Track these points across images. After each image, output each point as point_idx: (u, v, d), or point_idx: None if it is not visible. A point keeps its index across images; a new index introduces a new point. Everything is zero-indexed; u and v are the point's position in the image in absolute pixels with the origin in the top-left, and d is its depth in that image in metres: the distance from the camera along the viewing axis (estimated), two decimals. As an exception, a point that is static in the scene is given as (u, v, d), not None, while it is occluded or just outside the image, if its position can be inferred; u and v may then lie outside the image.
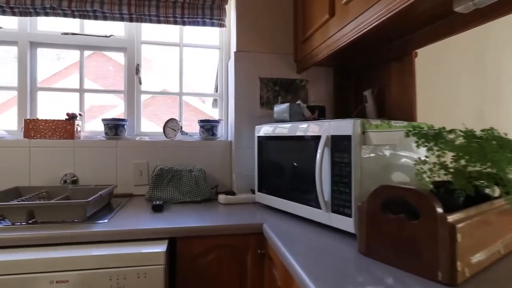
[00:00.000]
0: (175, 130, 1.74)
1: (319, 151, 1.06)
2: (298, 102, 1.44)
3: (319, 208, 1.08)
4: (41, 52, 1.78)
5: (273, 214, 1.30)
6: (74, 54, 1.82)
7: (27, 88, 1.71)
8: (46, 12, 1.59)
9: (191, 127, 1.90)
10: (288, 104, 1.38)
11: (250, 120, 1.64)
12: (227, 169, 1.77)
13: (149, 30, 1.87)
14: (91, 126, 1.84)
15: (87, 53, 1.83)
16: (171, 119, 1.75)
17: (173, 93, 1.90)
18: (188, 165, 1.70)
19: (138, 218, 1.24)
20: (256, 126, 1.46)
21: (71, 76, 1.90)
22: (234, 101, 1.65)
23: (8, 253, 1.01)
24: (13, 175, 1.56)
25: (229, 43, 1.90)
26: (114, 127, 1.66)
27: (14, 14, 1.57)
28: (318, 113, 1.45)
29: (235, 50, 1.66)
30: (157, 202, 1.37)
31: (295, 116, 1.39)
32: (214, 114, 2.02)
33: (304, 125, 1.17)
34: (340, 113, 1.71)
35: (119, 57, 1.87)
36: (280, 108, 1.42)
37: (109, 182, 1.65)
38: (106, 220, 1.20)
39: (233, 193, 1.52)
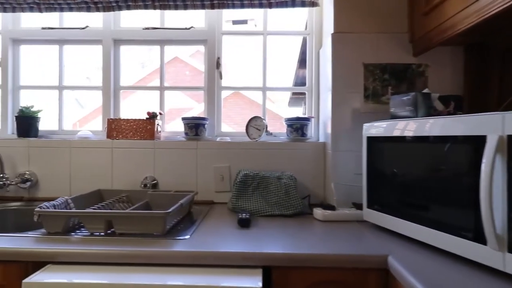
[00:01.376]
0: (259, 130, 1.51)
1: (485, 159, 0.70)
2: (426, 90, 1.08)
3: (483, 243, 0.73)
4: (125, 55, 1.72)
5: (395, 241, 0.97)
6: (156, 61, 1.74)
7: (110, 87, 1.67)
8: (128, 5, 1.51)
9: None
10: (413, 93, 1.04)
11: (352, 117, 1.33)
12: (319, 176, 1.48)
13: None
14: (170, 128, 1.73)
15: (167, 56, 1.72)
16: (255, 117, 1.53)
17: (255, 88, 1.68)
18: (274, 170, 1.46)
19: (223, 235, 1.03)
20: (365, 125, 1.14)
21: (152, 82, 1.83)
22: (330, 94, 1.35)
23: (83, 271, 0.87)
24: (97, 176, 1.51)
25: (321, 27, 1.61)
26: (194, 126, 1.50)
27: (98, 10, 1.52)
28: (455, 106, 1.07)
29: (332, 32, 1.36)
30: (244, 215, 1.15)
31: (423, 110, 1.03)
32: (288, 114, 1.75)
33: (447, 121, 0.82)
34: (477, 105, 1.28)
35: (195, 62, 1.73)
36: (400, 99, 1.08)
37: (189, 187, 1.49)
38: (187, 236, 1.01)
39: (331, 207, 1.23)
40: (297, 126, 1.49)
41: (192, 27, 1.67)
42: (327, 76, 1.41)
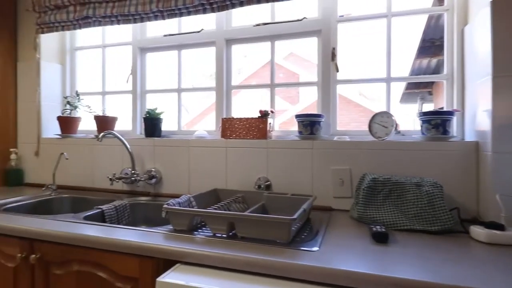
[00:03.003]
0: (386, 127, 1.30)
1: None
2: None
3: None
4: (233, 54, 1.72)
5: None
6: (251, 67, 1.69)
7: (223, 87, 1.68)
8: (241, 1, 1.48)
9: (353, 126, 1.42)
10: None
11: (524, 108, 1.00)
12: (469, 184, 1.17)
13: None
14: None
15: (260, 61, 1.64)
16: (381, 113, 1.32)
17: (376, 80, 1.47)
18: (406, 175, 1.23)
19: (356, 250, 0.87)
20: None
21: (259, 79, 1.79)
22: (489, 80, 1.05)
23: (209, 275, 0.83)
24: (212, 175, 1.53)
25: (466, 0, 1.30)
26: (309, 124, 1.38)
27: (213, 10, 1.53)
28: None
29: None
30: (379, 228, 0.96)
31: None
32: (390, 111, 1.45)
33: None
34: None
35: (289, 64, 1.60)
36: None
37: (303, 190, 1.38)
38: (316, 248, 0.88)
39: (497, 226, 0.94)
40: (437, 122, 1.22)
41: (304, 17, 1.56)
42: (479, 58, 1.11)
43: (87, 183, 1.77)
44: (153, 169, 1.61)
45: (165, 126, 1.76)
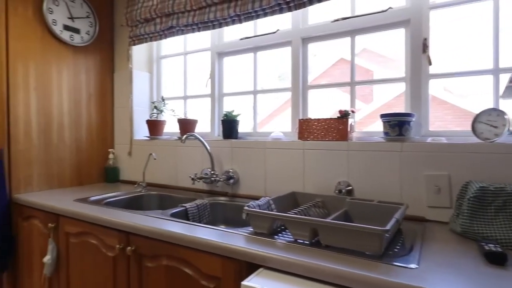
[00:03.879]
0: (495, 127, 1.10)
1: None
2: None
3: None
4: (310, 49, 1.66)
5: None
6: (329, 60, 1.60)
7: (299, 87, 1.64)
8: (320, -3, 1.42)
9: (437, 126, 1.22)
10: None
11: None
12: None
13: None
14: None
15: (330, 59, 1.54)
16: (488, 110, 1.13)
17: (483, 72, 1.26)
18: (524, 184, 1.02)
19: (464, 271, 0.74)
20: None
21: (330, 78, 1.71)
22: None
23: (292, 283, 0.79)
24: (288, 178, 1.50)
25: None
26: (397, 124, 1.25)
27: (289, 9, 1.50)
28: None
29: None
30: (492, 247, 0.81)
31: None
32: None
33: None
34: None
35: (362, 61, 1.46)
36: None
37: (390, 197, 1.25)
38: (413, 265, 0.78)
39: None
40: None
41: (389, 8, 1.42)
42: None
43: (171, 182, 1.90)
44: (230, 170, 1.65)
45: (242, 128, 1.79)
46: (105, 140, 2.14)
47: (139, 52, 2.14)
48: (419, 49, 1.35)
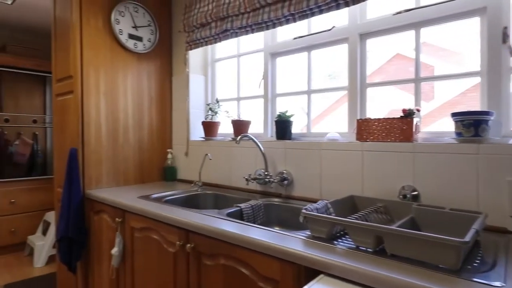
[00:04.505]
0: None
1: None
2: None
3: None
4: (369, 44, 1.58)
5: None
6: (384, 56, 1.51)
7: (357, 86, 1.56)
8: (382, -10, 1.33)
9: None
10: None
11: None
12: None
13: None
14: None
15: (387, 54, 1.42)
16: None
17: None
18: None
19: None
20: None
21: (384, 75, 1.60)
22: None
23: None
24: (345, 180, 1.43)
25: None
26: (472, 124, 1.13)
27: (347, 4, 1.43)
28: None
29: None
30: None
31: None
32: None
33: None
34: None
35: (422, 55, 1.32)
36: None
37: (464, 204, 1.13)
38: (498, 283, 0.69)
39: None
40: None
41: (462, -5, 1.29)
42: None
43: (225, 182, 1.94)
44: (284, 171, 1.63)
45: (295, 129, 1.77)
46: (164, 141, 2.26)
47: (195, 56, 2.23)
48: (498, 39, 1.20)
